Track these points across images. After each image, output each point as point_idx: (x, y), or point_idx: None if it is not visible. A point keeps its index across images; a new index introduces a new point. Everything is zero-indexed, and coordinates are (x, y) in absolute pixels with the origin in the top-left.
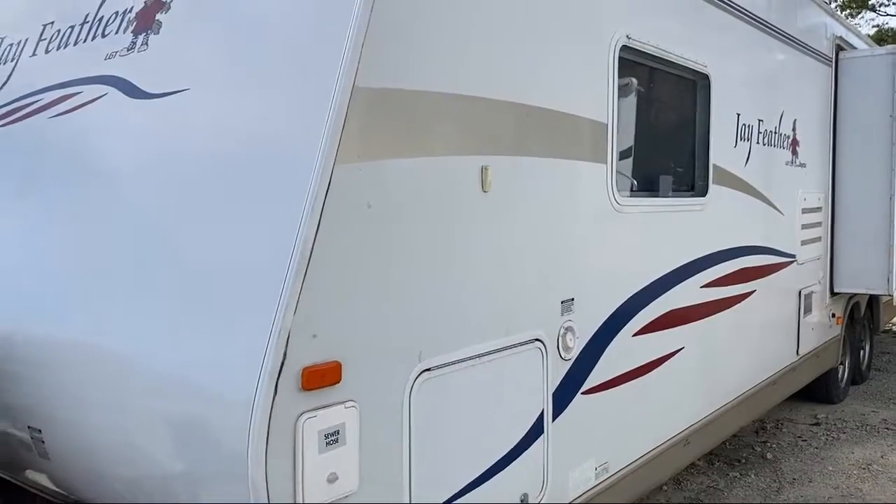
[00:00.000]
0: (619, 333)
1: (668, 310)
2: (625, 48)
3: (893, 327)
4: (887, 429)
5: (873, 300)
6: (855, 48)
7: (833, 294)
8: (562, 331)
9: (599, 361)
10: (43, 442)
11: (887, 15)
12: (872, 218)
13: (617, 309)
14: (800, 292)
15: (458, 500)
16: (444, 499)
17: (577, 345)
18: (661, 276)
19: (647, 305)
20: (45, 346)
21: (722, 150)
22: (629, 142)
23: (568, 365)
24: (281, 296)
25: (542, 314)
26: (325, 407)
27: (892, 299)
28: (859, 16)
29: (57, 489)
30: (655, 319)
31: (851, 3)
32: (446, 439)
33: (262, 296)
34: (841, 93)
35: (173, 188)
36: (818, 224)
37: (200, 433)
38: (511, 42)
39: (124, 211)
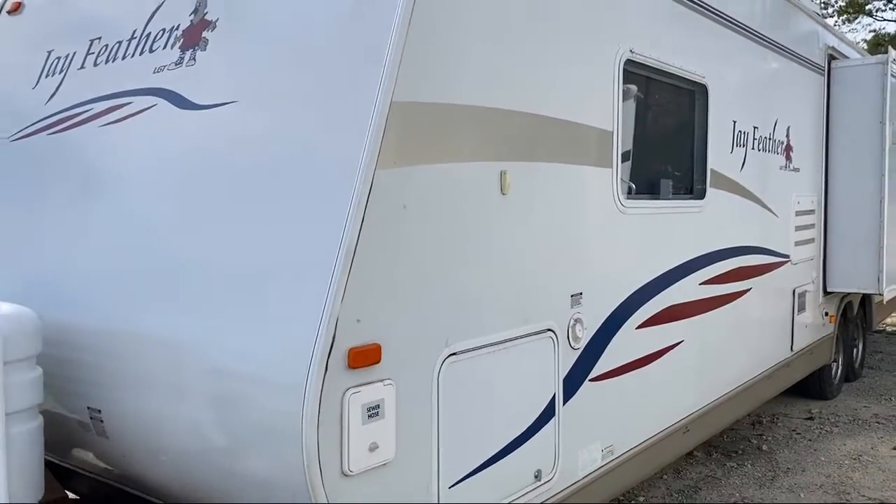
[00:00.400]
0: (624, 326)
1: (668, 305)
2: (629, 62)
3: (887, 328)
4: (878, 423)
5: (866, 300)
6: (847, 57)
7: (826, 293)
8: (571, 322)
9: (605, 351)
10: (102, 421)
11: (884, 20)
12: (863, 220)
13: (621, 303)
14: (793, 291)
15: (480, 473)
16: (469, 471)
17: (585, 335)
18: (662, 273)
19: (649, 300)
20: (110, 336)
21: (719, 156)
22: (633, 147)
23: (577, 354)
24: (330, 285)
25: (554, 306)
26: (367, 384)
27: (885, 299)
28: (856, 20)
29: (108, 467)
30: (657, 314)
31: (848, 8)
32: (470, 417)
33: (314, 285)
34: (833, 100)
35: (226, 191)
36: (811, 226)
37: (258, 407)
38: (527, 59)
39: (181, 211)
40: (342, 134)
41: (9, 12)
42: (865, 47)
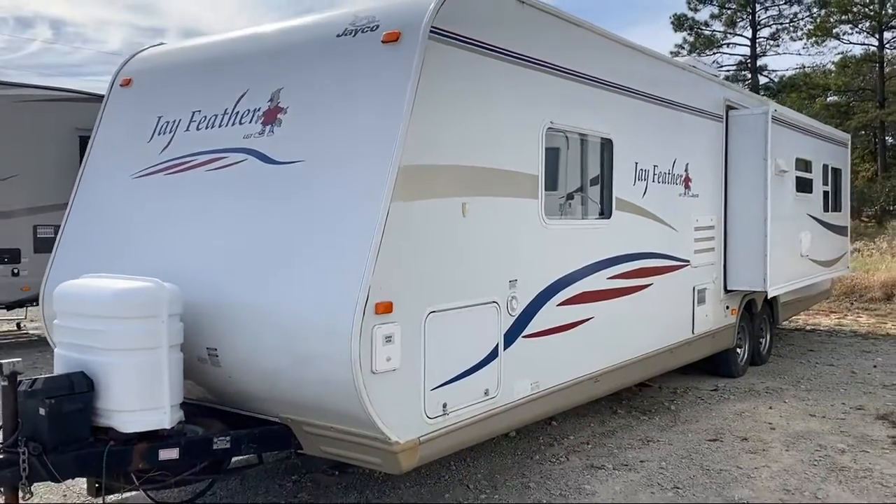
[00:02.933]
0: (547, 303)
1: (582, 291)
2: (549, 128)
3: (807, 326)
4: (767, 392)
5: (773, 299)
6: (746, 107)
7: (727, 291)
8: (509, 298)
9: (534, 319)
10: (217, 356)
11: (850, 43)
12: (753, 234)
13: (545, 287)
14: (694, 288)
15: (452, 383)
16: (442, 381)
17: (518, 307)
18: (576, 269)
19: (566, 287)
20: (223, 301)
21: (623, 187)
22: (555, 184)
23: (513, 319)
24: (366, 267)
25: (497, 288)
26: (385, 323)
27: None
28: (824, 43)
29: (212, 391)
30: (573, 296)
31: (816, 31)
32: (443, 349)
33: (357, 268)
34: (730, 141)
35: (298, 216)
36: (711, 238)
37: (324, 337)
38: (479, 134)
39: (268, 227)
40: (372, 183)
41: (121, 85)
42: (833, 69)
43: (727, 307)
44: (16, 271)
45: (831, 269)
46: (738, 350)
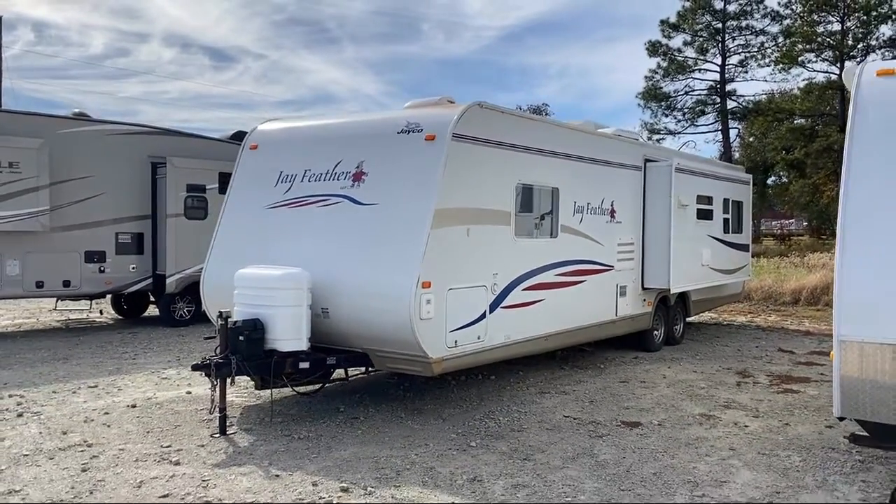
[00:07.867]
0: (515, 288)
1: (538, 282)
2: (518, 183)
3: (724, 322)
4: (671, 360)
5: (686, 297)
6: (662, 160)
7: (644, 288)
8: (492, 284)
9: (507, 297)
10: (328, 312)
11: (815, 71)
12: (661, 249)
13: (515, 278)
14: (617, 284)
15: (460, 329)
16: (456, 327)
17: (498, 290)
18: (534, 268)
19: (528, 279)
20: (332, 280)
21: (566, 217)
22: (522, 215)
23: (494, 296)
24: (418, 263)
25: (485, 277)
26: (427, 293)
27: (709, 298)
28: (789, 71)
29: (323, 334)
30: (532, 285)
31: (783, 59)
32: (456, 310)
33: (414, 263)
34: (647, 184)
35: (377, 232)
36: (631, 251)
37: (395, 300)
38: (477, 188)
39: (359, 238)
40: (420, 218)
41: (250, 148)
42: (799, 95)
43: (644, 300)
44: (102, 269)
45: (732, 277)
46: (655, 332)
